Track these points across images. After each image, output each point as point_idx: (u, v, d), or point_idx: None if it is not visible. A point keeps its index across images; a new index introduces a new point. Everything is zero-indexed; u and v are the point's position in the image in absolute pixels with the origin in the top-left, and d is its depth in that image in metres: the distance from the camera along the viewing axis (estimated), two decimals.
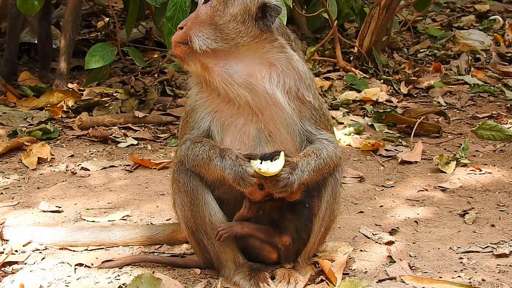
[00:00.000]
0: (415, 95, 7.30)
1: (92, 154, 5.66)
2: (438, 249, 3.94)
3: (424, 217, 4.45)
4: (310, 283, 3.54)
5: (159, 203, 4.67)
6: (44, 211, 4.52)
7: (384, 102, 6.91)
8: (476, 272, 3.63)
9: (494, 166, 5.34)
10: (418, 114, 6.29)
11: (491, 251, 3.86)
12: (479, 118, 6.49)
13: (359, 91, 7.05)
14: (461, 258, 3.80)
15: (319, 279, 3.57)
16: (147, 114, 6.41)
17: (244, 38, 3.40)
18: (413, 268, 3.70)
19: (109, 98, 6.84)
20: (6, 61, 7.39)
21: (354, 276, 3.62)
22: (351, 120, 6.42)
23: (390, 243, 4.00)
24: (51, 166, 5.39)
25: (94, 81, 6.96)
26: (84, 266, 3.72)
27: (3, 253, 3.82)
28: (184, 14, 5.58)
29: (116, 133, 6.02)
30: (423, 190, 4.91)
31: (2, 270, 3.66)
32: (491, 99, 7.08)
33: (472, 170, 5.23)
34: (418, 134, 5.99)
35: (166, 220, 4.39)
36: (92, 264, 3.74)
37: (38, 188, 4.98)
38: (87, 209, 4.61)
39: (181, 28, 3.41)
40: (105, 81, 7.24)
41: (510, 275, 3.59)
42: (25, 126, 6.16)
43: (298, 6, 7.87)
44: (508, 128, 5.83)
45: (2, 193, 4.87)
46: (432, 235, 4.14)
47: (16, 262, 3.75)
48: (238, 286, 3.52)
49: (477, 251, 3.88)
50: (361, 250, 3.92)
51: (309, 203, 3.52)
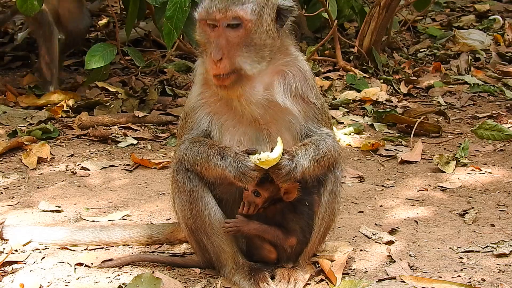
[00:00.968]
0: (415, 95, 7.30)
1: (92, 153, 5.66)
2: (438, 248, 3.94)
3: (424, 216, 4.45)
4: (310, 283, 3.54)
5: (159, 203, 4.67)
6: (44, 211, 4.53)
7: (384, 102, 6.90)
8: (476, 271, 3.63)
9: (494, 165, 5.35)
10: (418, 114, 6.29)
11: (491, 251, 3.86)
12: (479, 118, 6.49)
13: (359, 91, 7.05)
14: (461, 258, 3.80)
15: (319, 279, 3.57)
16: (147, 114, 6.41)
17: (274, 51, 3.39)
18: (413, 267, 3.70)
19: (109, 98, 6.84)
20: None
21: (354, 275, 3.62)
22: (351, 119, 6.42)
23: (390, 243, 4.00)
24: (51, 165, 5.39)
25: (94, 81, 6.97)
26: (84, 265, 3.73)
27: (3, 252, 3.83)
28: (183, 14, 5.57)
29: (116, 132, 6.02)
30: (423, 190, 4.91)
31: (2, 270, 3.66)
32: (491, 99, 7.08)
33: (472, 170, 5.23)
34: (418, 134, 5.99)
35: (166, 219, 4.39)
36: (92, 263, 3.74)
37: (38, 187, 4.98)
38: (87, 208, 4.61)
39: (219, 60, 3.25)
40: (105, 81, 7.24)
41: (510, 275, 3.59)
42: (25, 126, 6.16)
43: (298, 5, 7.87)
44: (508, 127, 5.83)
45: (2, 192, 4.87)
46: (432, 235, 4.14)
47: (16, 262, 3.75)
48: (238, 286, 3.52)
49: (477, 251, 3.88)
50: (361, 250, 3.92)
51: (309, 201, 3.52)
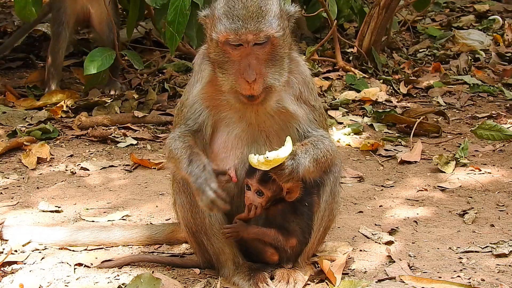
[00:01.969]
0: (415, 95, 7.30)
1: (91, 154, 5.66)
2: (438, 249, 3.94)
3: (423, 217, 4.45)
4: (309, 283, 3.54)
5: (159, 203, 4.67)
6: (43, 211, 4.53)
7: (383, 102, 6.90)
8: (475, 272, 3.63)
9: (494, 166, 5.35)
10: (418, 114, 6.29)
11: (491, 251, 3.86)
12: (479, 118, 6.49)
13: (359, 91, 7.04)
14: (460, 258, 3.80)
15: (319, 279, 3.57)
16: (147, 114, 6.41)
17: (288, 60, 3.40)
18: (412, 268, 3.70)
19: (108, 98, 6.84)
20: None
21: (354, 276, 3.62)
22: (351, 120, 6.42)
23: (389, 243, 4.00)
24: (51, 166, 5.39)
25: (93, 85, 6.96)
26: (83, 266, 3.73)
27: (3, 253, 3.83)
28: (184, 18, 5.58)
29: (115, 133, 6.02)
30: (423, 190, 4.91)
31: (2, 270, 3.66)
32: (491, 99, 7.08)
33: (471, 170, 5.23)
34: (417, 134, 5.99)
35: (166, 220, 4.39)
36: (91, 264, 3.74)
37: (38, 188, 4.98)
38: (87, 209, 4.61)
39: (253, 80, 3.21)
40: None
41: (510, 275, 3.59)
42: (24, 126, 6.16)
43: (298, 6, 7.86)
44: (507, 128, 5.82)
45: (1, 193, 4.87)
46: (431, 235, 4.14)
47: (15, 262, 3.75)
48: (237, 286, 3.52)
49: (476, 251, 3.88)
50: (360, 250, 3.92)
51: (308, 202, 3.52)
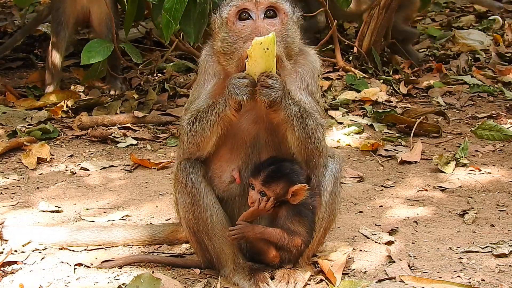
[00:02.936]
0: (415, 95, 7.30)
1: (91, 154, 5.66)
2: (438, 249, 3.94)
3: (423, 217, 4.45)
4: (309, 283, 3.54)
5: (159, 203, 4.67)
6: (43, 211, 4.52)
7: (383, 102, 6.90)
8: (475, 272, 3.63)
9: (494, 166, 5.35)
10: (418, 114, 6.29)
11: (491, 251, 3.86)
12: (479, 118, 6.49)
13: (359, 91, 7.04)
14: (460, 258, 3.80)
15: (319, 279, 3.57)
16: (147, 114, 6.41)
17: (296, 51, 3.43)
18: (412, 268, 3.70)
19: (108, 98, 6.85)
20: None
21: (354, 276, 3.62)
22: (351, 120, 6.42)
23: (389, 243, 4.00)
24: (51, 166, 5.39)
25: (91, 78, 6.94)
26: (83, 266, 3.73)
27: (3, 253, 3.83)
28: (182, 5, 5.53)
29: (115, 133, 6.02)
30: (423, 190, 4.91)
31: (2, 270, 3.66)
32: (491, 99, 7.08)
33: (471, 170, 5.23)
34: (417, 134, 5.99)
35: (166, 220, 4.39)
36: (91, 264, 3.74)
37: (38, 188, 4.98)
38: (87, 209, 4.61)
39: None
40: (103, 79, 7.24)
41: (510, 275, 3.59)
42: (24, 126, 6.16)
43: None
44: (507, 128, 5.82)
45: (1, 193, 4.87)
46: (431, 235, 4.14)
47: (15, 262, 3.75)
48: (237, 286, 3.52)
49: (476, 251, 3.88)
50: (360, 250, 3.92)
51: (313, 205, 3.52)
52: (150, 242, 4.01)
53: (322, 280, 3.57)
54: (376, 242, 4.02)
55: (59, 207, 4.59)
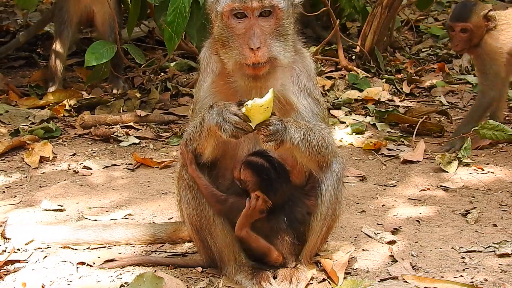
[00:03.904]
0: (417, 95, 7.30)
1: (94, 153, 5.66)
2: (440, 248, 3.93)
3: (426, 216, 4.44)
4: (312, 282, 3.54)
5: (161, 202, 4.67)
6: (46, 210, 4.53)
7: (386, 102, 6.90)
8: (478, 271, 3.63)
9: (496, 165, 5.34)
10: (420, 113, 6.28)
11: (493, 251, 3.86)
12: None
13: (361, 91, 7.04)
14: (463, 258, 3.80)
15: (321, 278, 3.57)
16: (149, 113, 6.41)
17: (293, 45, 3.40)
18: (415, 267, 3.69)
19: (111, 97, 6.85)
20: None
21: (356, 275, 3.62)
22: (353, 119, 6.41)
23: (392, 243, 4.00)
24: (53, 164, 5.40)
25: (94, 79, 6.96)
26: (86, 264, 3.73)
27: (6, 251, 3.83)
28: (184, 20, 5.58)
29: (118, 132, 6.02)
30: (425, 190, 4.90)
31: (5, 269, 3.66)
32: None
33: (474, 170, 5.22)
34: (420, 133, 5.98)
35: (168, 219, 4.39)
36: (94, 263, 3.74)
37: (40, 186, 4.99)
38: (89, 207, 4.61)
39: (258, 47, 3.20)
40: (106, 79, 7.24)
41: None
42: (27, 125, 6.16)
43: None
44: (510, 127, 5.81)
45: (4, 191, 4.88)
46: (434, 235, 4.14)
47: (18, 261, 3.75)
48: (240, 285, 3.52)
49: (479, 251, 3.88)
50: (363, 250, 3.92)
51: (308, 205, 3.54)
52: (152, 241, 4.01)
53: (324, 279, 3.57)
54: (378, 242, 4.02)
55: (62, 206, 4.60)
